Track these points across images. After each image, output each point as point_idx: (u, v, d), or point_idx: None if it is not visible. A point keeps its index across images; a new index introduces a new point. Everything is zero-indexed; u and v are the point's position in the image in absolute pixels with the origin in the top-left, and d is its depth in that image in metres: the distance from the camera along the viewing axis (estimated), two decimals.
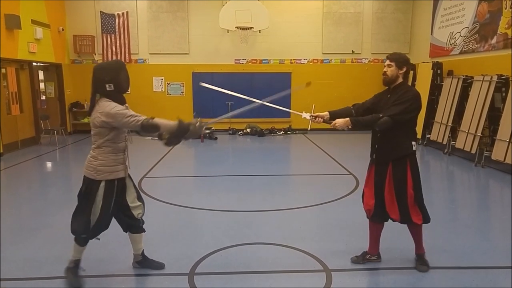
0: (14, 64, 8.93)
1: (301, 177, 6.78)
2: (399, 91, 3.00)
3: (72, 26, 11.12)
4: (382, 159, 3.07)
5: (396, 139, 2.99)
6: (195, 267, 3.24)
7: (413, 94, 2.98)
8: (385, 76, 3.06)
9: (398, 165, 3.01)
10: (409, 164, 3.01)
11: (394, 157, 3.01)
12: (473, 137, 7.32)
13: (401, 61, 3.01)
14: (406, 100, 2.91)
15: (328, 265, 3.27)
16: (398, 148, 3.00)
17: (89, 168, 2.81)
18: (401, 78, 3.04)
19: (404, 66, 3.02)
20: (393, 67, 3.01)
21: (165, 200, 5.07)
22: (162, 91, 11.52)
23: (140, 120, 2.66)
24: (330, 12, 11.35)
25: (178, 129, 2.72)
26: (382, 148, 3.06)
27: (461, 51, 8.97)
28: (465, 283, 3.02)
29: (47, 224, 4.26)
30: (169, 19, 11.17)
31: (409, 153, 3.01)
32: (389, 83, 3.06)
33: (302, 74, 11.33)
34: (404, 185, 2.99)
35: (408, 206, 3.02)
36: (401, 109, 2.89)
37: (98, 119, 2.72)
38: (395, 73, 3.02)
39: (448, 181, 6.70)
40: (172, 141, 2.81)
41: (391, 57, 3.05)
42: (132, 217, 3.01)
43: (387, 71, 3.04)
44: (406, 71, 3.04)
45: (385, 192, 3.05)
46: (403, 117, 2.90)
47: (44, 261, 3.34)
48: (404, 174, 2.99)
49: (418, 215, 3.05)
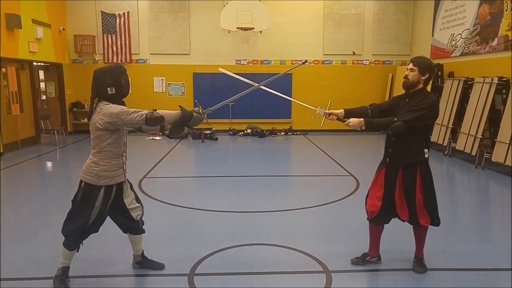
0: (15, 63, 8.94)
1: (302, 178, 6.78)
2: (417, 97, 2.92)
3: (72, 26, 11.13)
4: (393, 164, 3.05)
5: (408, 145, 2.96)
6: (195, 268, 3.24)
7: (431, 101, 2.89)
8: (405, 80, 2.97)
9: (408, 170, 2.98)
10: (419, 170, 2.97)
11: (405, 162, 2.98)
12: (473, 139, 7.32)
13: (425, 67, 2.91)
14: (423, 108, 2.84)
15: (329, 266, 3.27)
16: (410, 154, 2.96)
17: (90, 174, 2.78)
18: (422, 84, 2.94)
19: (427, 72, 2.92)
20: (415, 71, 2.91)
21: (165, 201, 5.06)
22: (163, 92, 11.53)
23: (144, 114, 2.67)
24: (331, 13, 11.36)
25: (181, 117, 2.75)
26: (395, 153, 3.04)
27: (462, 53, 8.98)
28: (464, 284, 3.02)
29: (47, 224, 4.26)
30: (170, 19, 11.17)
31: (421, 160, 2.97)
32: (409, 87, 2.98)
33: (303, 75, 11.33)
34: (413, 189, 2.97)
35: (416, 209, 3.00)
36: (417, 115, 2.82)
37: (101, 121, 2.71)
38: (417, 78, 2.92)
39: (448, 182, 6.69)
40: (174, 131, 2.83)
41: (415, 60, 2.95)
42: (131, 218, 3.00)
43: (409, 75, 2.94)
44: (428, 77, 2.93)
45: (395, 196, 3.04)
46: (417, 123, 2.85)
47: (44, 261, 3.33)
48: (413, 179, 2.97)
49: (426, 218, 3.03)
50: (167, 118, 2.75)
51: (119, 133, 2.82)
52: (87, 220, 2.80)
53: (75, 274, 3.01)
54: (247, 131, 11.23)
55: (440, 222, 3.12)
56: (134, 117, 2.67)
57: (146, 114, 2.67)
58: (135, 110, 2.70)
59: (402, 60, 11.56)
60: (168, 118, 2.76)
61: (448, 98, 8.48)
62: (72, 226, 2.82)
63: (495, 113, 7.15)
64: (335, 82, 11.35)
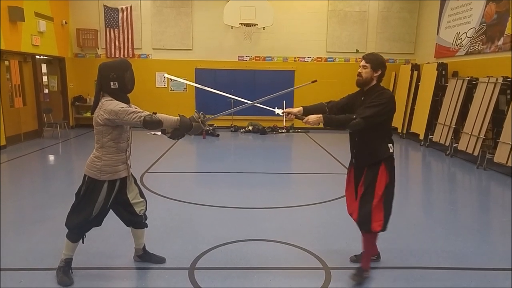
0: (17, 56, 8.95)
1: (303, 176, 6.79)
2: (373, 94, 2.89)
3: (75, 20, 11.12)
4: (360, 164, 3.01)
5: (371, 143, 2.91)
6: (196, 262, 3.26)
7: (387, 96, 2.87)
8: (359, 78, 2.94)
9: (371, 168, 2.91)
10: (384, 167, 2.89)
11: (372, 161, 2.92)
12: (476, 139, 7.31)
13: (376, 63, 2.89)
14: (381, 103, 2.81)
15: (328, 263, 3.29)
16: (375, 153, 2.91)
17: (93, 169, 2.80)
18: (375, 80, 2.92)
19: (379, 69, 2.90)
20: (368, 68, 2.89)
21: (166, 196, 5.09)
22: (165, 87, 11.53)
23: (143, 116, 2.65)
24: (335, 10, 11.31)
25: (180, 126, 2.74)
26: (360, 153, 3.01)
27: (467, 52, 8.93)
28: (463, 284, 3.03)
29: (49, 216, 4.29)
30: (173, 14, 11.15)
31: (386, 157, 2.91)
32: (363, 85, 2.96)
33: (306, 72, 11.32)
34: (373, 186, 2.88)
35: (372, 206, 2.87)
36: (375, 111, 2.79)
37: (101, 116, 2.72)
38: (370, 75, 2.90)
39: (449, 182, 6.69)
40: (176, 135, 2.82)
41: (368, 57, 2.93)
42: (134, 213, 3.02)
43: (362, 72, 2.92)
44: (381, 74, 2.92)
45: (358, 195, 2.99)
46: (376, 119, 2.81)
47: (46, 253, 3.36)
48: (375, 176, 2.88)
49: (380, 220, 2.88)
50: (165, 124, 2.73)
51: (121, 129, 2.81)
52: (90, 213, 2.82)
53: (78, 265, 3.03)
54: (249, 128, 11.25)
55: (386, 228, 2.95)
56: (132, 117, 2.65)
57: (145, 116, 2.65)
58: (134, 111, 2.69)
59: (405, 58, 11.52)
60: (167, 124, 2.74)
61: (452, 97, 8.45)
62: (75, 219, 2.84)
63: (498, 113, 7.12)
64: (337, 79, 11.30)
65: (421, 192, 6.05)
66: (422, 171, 7.66)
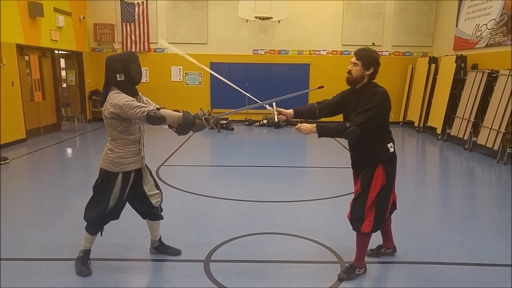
0: (37, 51, 9.14)
1: (318, 170, 6.75)
2: (365, 93, 2.73)
3: (92, 15, 11.26)
4: (359, 166, 2.92)
5: (372, 146, 2.79)
6: (211, 254, 3.29)
7: (380, 96, 2.68)
8: (349, 76, 2.78)
9: (368, 169, 2.82)
10: (381, 168, 2.78)
11: (370, 164, 2.81)
12: (496, 133, 7.12)
13: (368, 61, 2.71)
14: (374, 106, 2.64)
15: (343, 257, 3.27)
16: (375, 155, 2.79)
17: (106, 161, 2.84)
18: (367, 79, 2.75)
19: (371, 67, 2.72)
20: (359, 66, 2.72)
21: (182, 188, 5.14)
22: (180, 81, 11.59)
23: (146, 112, 2.64)
24: (351, 3, 11.13)
25: (183, 122, 2.73)
26: (359, 155, 2.91)
27: (487, 44, 8.69)
28: (481, 280, 2.98)
29: (68, 208, 4.39)
30: (188, 8, 11.17)
31: (386, 159, 2.79)
32: (353, 83, 2.80)
33: (321, 66, 11.21)
34: (368, 187, 2.79)
35: (365, 208, 2.80)
36: (368, 116, 2.63)
37: (108, 110, 2.76)
38: (361, 73, 2.73)
39: (468, 177, 6.56)
40: (180, 131, 2.82)
41: (359, 53, 2.74)
42: (150, 205, 3.06)
43: (352, 70, 2.76)
44: (373, 72, 2.74)
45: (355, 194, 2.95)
46: (371, 124, 2.66)
47: (65, 243, 3.45)
48: (370, 177, 2.79)
49: (370, 221, 2.81)
50: (168, 120, 2.72)
51: (129, 122, 2.82)
52: (106, 205, 2.87)
53: (96, 256, 3.11)
54: (263, 121, 11.23)
55: (378, 230, 2.91)
56: (135, 112, 2.66)
57: (149, 111, 2.64)
58: (138, 105, 2.68)
59: (423, 51, 11.28)
60: (170, 120, 2.73)
61: (471, 90, 8.25)
62: (92, 212, 2.90)
63: None
64: None
65: (439, 187, 5.94)
66: (440, 166, 7.52)
